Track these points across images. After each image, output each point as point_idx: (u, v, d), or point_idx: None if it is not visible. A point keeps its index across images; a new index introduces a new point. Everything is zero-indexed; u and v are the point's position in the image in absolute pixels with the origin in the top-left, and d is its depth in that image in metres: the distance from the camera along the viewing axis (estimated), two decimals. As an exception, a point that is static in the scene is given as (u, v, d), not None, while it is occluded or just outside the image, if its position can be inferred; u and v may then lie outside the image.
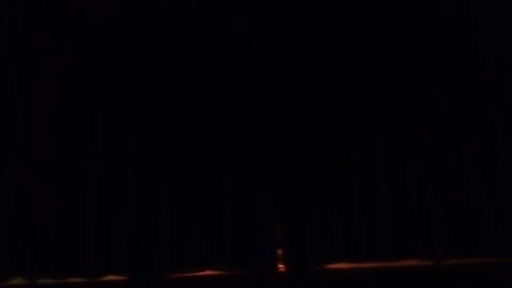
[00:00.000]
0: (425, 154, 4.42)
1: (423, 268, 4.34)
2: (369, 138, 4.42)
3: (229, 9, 4.46)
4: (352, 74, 4.47)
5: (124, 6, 4.37)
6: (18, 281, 4.05)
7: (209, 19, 4.43)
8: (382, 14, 4.54)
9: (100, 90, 4.26)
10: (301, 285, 4.24)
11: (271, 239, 4.28)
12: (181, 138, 4.31)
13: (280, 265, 4.31)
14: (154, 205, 4.18)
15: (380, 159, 4.40)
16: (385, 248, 4.31)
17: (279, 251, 4.31)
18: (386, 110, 4.45)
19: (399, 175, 4.39)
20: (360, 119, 4.44)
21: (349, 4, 4.54)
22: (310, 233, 4.31)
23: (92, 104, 4.24)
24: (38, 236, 4.06)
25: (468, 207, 4.36)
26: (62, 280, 4.10)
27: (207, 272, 4.24)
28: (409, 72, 4.50)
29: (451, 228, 4.34)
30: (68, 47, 4.28)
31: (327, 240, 4.31)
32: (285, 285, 4.26)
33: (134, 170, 4.20)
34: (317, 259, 4.31)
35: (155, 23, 4.37)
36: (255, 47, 4.41)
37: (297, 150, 4.39)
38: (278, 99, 4.40)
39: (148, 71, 4.33)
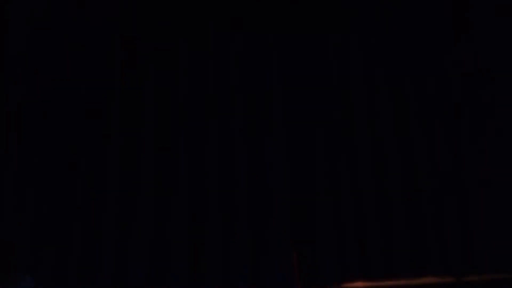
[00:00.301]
0: (440, 167, 4.42)
1: (442, 286, 4.28)
2: (383, 151, 4.45)
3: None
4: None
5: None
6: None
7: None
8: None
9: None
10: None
11: (288, 259, 4.24)
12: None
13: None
14: (171, 221, 4.16)
15: (393, 173, 4.40)
16: (402, 265, 4.27)
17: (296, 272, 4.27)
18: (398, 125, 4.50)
19: (415, 190, 4.39)
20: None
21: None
22: (324, 252, 4.27)
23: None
24: (55, 250, 4.03)
25: (488, 222, 4.34)
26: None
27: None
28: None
29: (470, 244, 4.31)
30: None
31: (342, 259, 4.27)
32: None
33: (149, 184, 4.20)
34: (333, 279, 4.25)
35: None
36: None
37: (310, 169, 4.40)
38: None
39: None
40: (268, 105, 4.38)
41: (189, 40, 4.43)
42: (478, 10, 4.63)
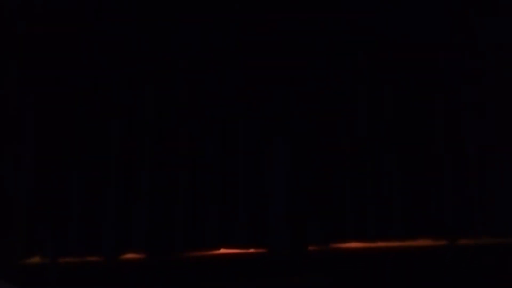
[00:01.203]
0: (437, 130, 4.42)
1: (435, 248, 4.36)
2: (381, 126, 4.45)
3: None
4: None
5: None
6: (36, 260, 4.12)
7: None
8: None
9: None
10: (309, 265, 4.31)
11: (287, 217, 4.32)
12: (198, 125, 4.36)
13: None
14: (171, 183, 4.25)
15: (390, 139, 4.41)
16: (396, 227, 4.35)
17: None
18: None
19: (411, 152, 4.41)
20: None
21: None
22: (319, 211, 4.36)
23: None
24: (56, 215, 4.13)
25: (485, 186, 4.37)
26: (81, 258, 4.17)
27: (223, 251, 4.32)
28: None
29: (466, 207, 4.36)
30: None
31: (337, 219, 4.36)
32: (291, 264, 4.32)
33: (152, 150, 4.25)
34: (328, 239, 4.36)
35: None
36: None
37: (310, 132, 4.42)
38: None
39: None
40: None
41: None
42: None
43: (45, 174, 4.16)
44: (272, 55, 4.31)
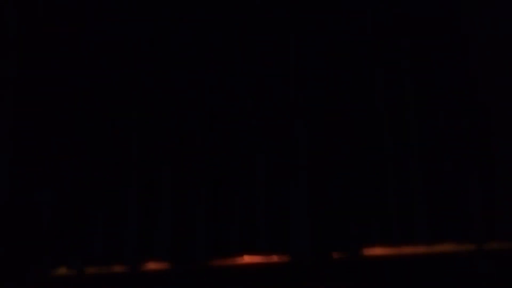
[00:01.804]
0: (463, 133, 4.35)
1: (461, 253, 4.27)
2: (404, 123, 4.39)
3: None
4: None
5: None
6: (62, 271, 4.21)
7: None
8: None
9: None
10: (335, 272, 4.27)
11: (308, 225, 4.31)
12: (218, 128, 4.40)
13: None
14: (192, 192, 4.28)
15: (413, 139, 4.35)
16: (421, 232, 4.27)
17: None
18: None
19: (435, 155, 4.33)
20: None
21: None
22: (344, 218, 4.32)
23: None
24: (81, 226, 4.22)
25: (511, 189, 4.26)
26: (105, 269, 4.23)
27: (246, 259, 4.32)
28: None
29: (491, 210, 4.26)
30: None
31: (362, 225, 4.31)
32: (315, 271, 4.29)
33: (173, 158, 4.30)
34: (352, 245, 4.31)
35: None
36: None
37: (333, 131, 4.40)
38: None
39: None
40: None
41: None
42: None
43: (69, 186, 4.25)
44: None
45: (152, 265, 4.29)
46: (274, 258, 4.30)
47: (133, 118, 4.35)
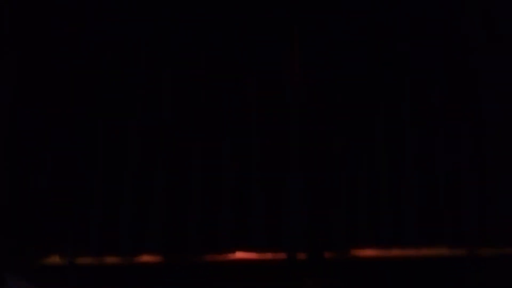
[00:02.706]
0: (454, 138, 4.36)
1: (453, 258, 4.29)
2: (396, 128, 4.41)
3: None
4: None
5: None
6: (55, 260, 4.20)
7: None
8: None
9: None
10: (325, 271, 4.29)
11: (302, 222, 4.33)
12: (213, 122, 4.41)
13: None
14: (185, 186, 4.29)
15: (407, 143, 4.37)
16: (413, 235, 4.30)
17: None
18: None
19: (429, 159, 4.35)
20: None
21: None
22: (335, 218, 4.33)
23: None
24: (75, 216, 4.21)
25: (504, 192, 4.28)
26: (98, 259, 4.23)
27: (239, 255, 4.34)
28: None
29: (484, 216, 4.28)
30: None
31: (354, 226, 4.33)
32: (308, 271, 4.31)
33: (166, 151, 4.31)
34: (344, 245, 4.34)
35: None
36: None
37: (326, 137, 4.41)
38: None
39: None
40: None
41: None
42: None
43: (64, 176, 4.25)
44: None
45: (145, 258, 4.30)
46: (268, 255, 4.32)
47: (129, 116, 4.36)
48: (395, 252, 4.31)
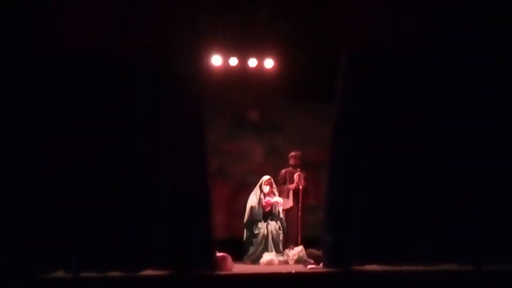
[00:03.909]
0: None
1: (459, 274, 4.24)
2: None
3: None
4: None
5: None
6: (60, 274, 4.19)
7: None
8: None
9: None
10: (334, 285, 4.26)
11: (207, 240, 4.33)
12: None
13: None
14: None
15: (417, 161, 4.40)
16: (420, 252, 4.27)
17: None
18: None
19: (437, 177, 4.36)
20: None
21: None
22: (345, 235, 4.32)
23: None
24: (80, 231, 4.22)
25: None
26: (102, 274, 4.22)
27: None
28: None
29: (491, 233, 4.26)
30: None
31: (361, 242, 4.31)
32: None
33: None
34: (352, 261, 4.31)
35: None
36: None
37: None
38: None
39: None
40: None
41: None
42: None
43: (69, 191, 4.27)
44: None
45: (149, 272, 4.28)
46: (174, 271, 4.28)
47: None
48: (402, 268, 4.28)
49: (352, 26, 4.52)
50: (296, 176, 6.05)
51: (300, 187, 6.02)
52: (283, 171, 6.13)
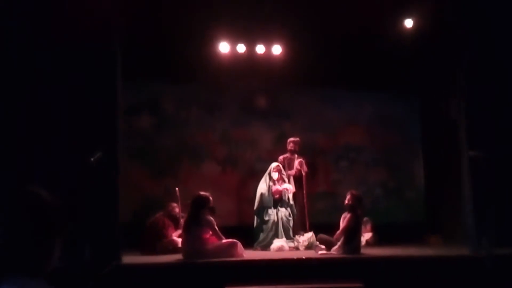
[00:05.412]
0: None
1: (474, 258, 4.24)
2: None
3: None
4: None
5: None
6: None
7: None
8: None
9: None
10: (345, 270, 4.24)
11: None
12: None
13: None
14: None
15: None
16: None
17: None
18: None
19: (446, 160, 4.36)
20: None
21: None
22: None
23: None
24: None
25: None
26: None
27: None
28: None
29: (503, 218, 4.26)
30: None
31: None
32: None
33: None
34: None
35: None
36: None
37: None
38: None
39: None
40: None
41: None
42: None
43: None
44: None
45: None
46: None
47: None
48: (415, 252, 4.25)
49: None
50: (298, 162, 6.06)
51: (303, 173, 6.02)
52: (281, 157, 6.08)
